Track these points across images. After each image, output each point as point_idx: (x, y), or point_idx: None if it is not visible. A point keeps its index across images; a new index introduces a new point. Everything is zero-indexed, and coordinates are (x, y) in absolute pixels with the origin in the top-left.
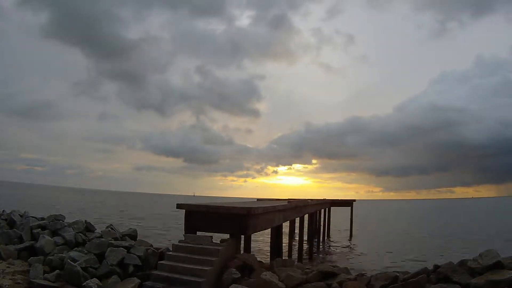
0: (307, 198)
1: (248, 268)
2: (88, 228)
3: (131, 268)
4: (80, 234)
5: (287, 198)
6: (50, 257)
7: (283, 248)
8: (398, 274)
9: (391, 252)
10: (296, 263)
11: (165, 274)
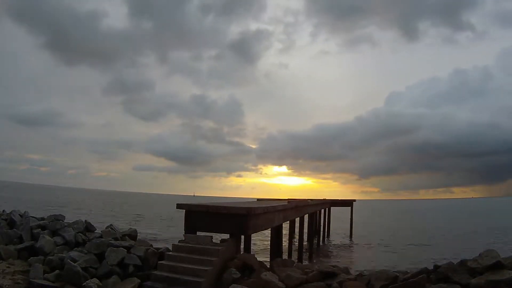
0: (307, 198)
1: (248, 268)
2: (88, 228)
3: (131, 268)
4: (80, 234)
5: (286, 198)
6: (50, 257)
7: (283, 248)
8: (398, 274)
9: (391, 252)
10: (296, 263)
11: (165, 274)
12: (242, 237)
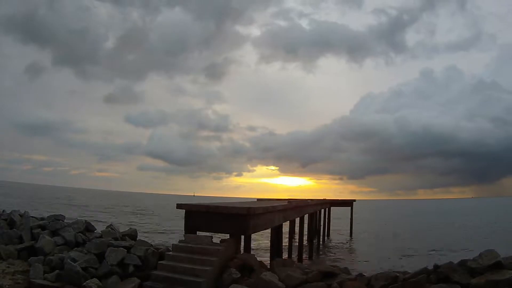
0: (306, 198)
1: (248, 268)
2: (88, 228)
3: (131, 268)
4: (80, 234)
5: (286, 198)
6: (50, 257)
7: (283, 248)
8: (398, 274)
9: (392, 252)
10: (296, 263)
11: (165, 274)
12: (242, 237)
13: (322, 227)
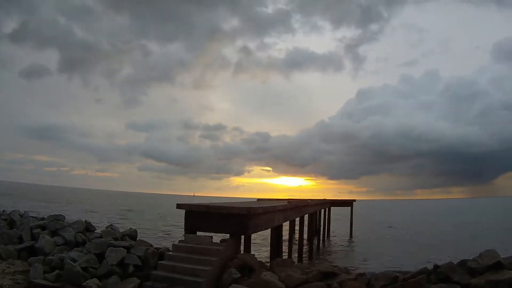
0: (306, 198)
1: (248, 268)
2: (88, 228)
3: (131, 268)
4: (80, 234)
5: (286, 198)
6: (50, 257)
7: (283, 248)
8: (398, 274)
9: (391, 252)
10: (296, 263)
11: (165, 274)
12: (242, 237)
13: (322, 227)
